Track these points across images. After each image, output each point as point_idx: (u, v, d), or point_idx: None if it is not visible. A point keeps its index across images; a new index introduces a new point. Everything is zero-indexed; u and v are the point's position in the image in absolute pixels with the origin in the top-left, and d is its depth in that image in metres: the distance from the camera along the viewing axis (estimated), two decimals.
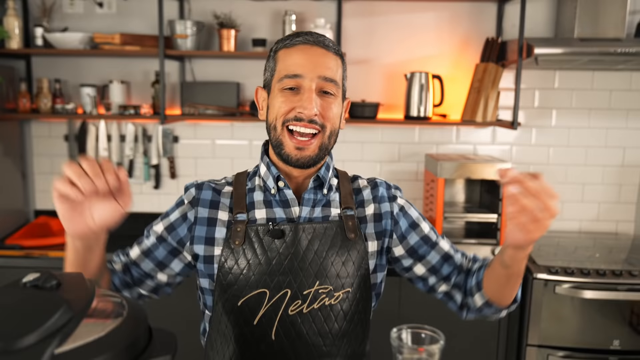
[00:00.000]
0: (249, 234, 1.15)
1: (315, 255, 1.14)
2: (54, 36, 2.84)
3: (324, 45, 1.16)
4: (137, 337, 0.67)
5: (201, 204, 1.21)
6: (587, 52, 2.57)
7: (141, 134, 3.11)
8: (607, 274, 2.50)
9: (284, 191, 1.20)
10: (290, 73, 1.13)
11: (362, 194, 1.26)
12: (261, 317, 1.12)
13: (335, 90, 1.17)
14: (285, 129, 1.15)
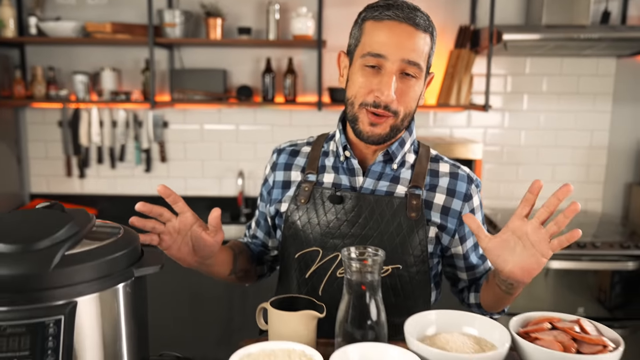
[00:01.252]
0: (314, 194, 1.20)
1: (371, 227, 1.16)
2: (47, 25, 2.97)
3: (414, 23, 1.12)
4: (132, 248, 0.83)
5: (278, 168, 1.30)
6: (552, 37, 2.72)
7: (132, 119, 3.24)
8: (572, 246, 2.67)
9: (350, 160, 1.23)
10: (374, 52, 1.11)
11: (439, 179, 1.24)
12: (312, 273, 1.18)
13: (417, 73, 1.14)
14: (361, 108, 1.15)
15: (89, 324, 0.76)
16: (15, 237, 0.74)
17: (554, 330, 0.89)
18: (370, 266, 0.88)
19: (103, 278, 0.77)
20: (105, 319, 0.78)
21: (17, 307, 0.70)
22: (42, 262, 0.72)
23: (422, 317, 0.94)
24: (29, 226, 0.77)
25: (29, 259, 0.72)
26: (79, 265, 0.74)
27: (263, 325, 1.02)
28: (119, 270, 0.79)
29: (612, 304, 2.70)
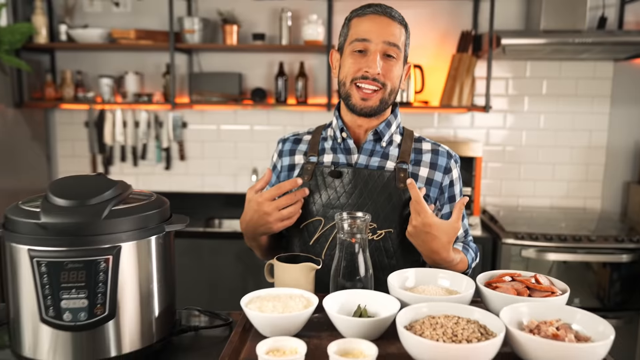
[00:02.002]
0: (316, 172, 1.39)
1: (365, 197, 1.34)
2: (76, 32, 3.19)
3: (390, 16, 1.33)
4: (163, 209, 1.02)
5: (284, 155, 1.49)
6: (548, 42, 2.88)
7: (153, 120, 3.45)
8: (568, 239, 2.82)
9: (346, 141, 1.42)
10: (360, 37, 1.32)
11: (422, 155, 1.43)
12: (316, 240, 1.35)
13: (397, 54, 1.33)
14: (353, 84, 1.34)
15: (129, 265, 0.94)
16: (74, 194, 0.93)
17: (513, 281, 1.06)
18: (358, 226, 1.06)
19: (140, 229, 0.95)
20: (141, 263, 0.96)
21: (76, 248, 0.89)
22: (95, 214, 0.91)
23: (403, 273, 1.11)
24: (83, 187, 0.96)
25: (84, 211, 0.92)
26: (122, 218, 0.93)
27: (270, 279, 1.20)
28: (153, 225, 0.98)
29: (607, 295, 2.83)
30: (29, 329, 0.94)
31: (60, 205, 0.92)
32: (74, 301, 0.90)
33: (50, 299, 0.89)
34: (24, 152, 3.26)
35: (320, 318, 1.01)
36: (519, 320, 0.92)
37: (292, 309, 0.96)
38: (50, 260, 0.88)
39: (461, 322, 0.88)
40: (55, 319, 0.90)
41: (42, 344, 0.93)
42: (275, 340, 0.86)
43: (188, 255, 2.96)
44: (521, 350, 0.85)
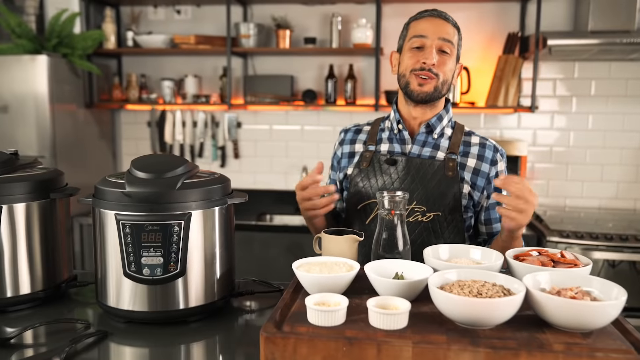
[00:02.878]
0: (374, 160, 1.55)
1: (417, 182, 1.49)
2: (141, 38, 3.44)
3: (444, 18, 1.50)
4: (225, 185, 1.17)
5: (345, 143, 1.66)
6: (594, 43, 2.91)
7: (210, 120, 3.66)
8: (615, 238, 2.83)
9: (402, 132, 1.57)
10: (418, 34, 1.48)
11: (471, 147, 1.56)
12: (371, 220, 1.50)
13: (450, 50, 1.48)
14: (412, 74, 1.49)
15: (197, 231, 1.10)
16: (152, 169, 1.10)
17: (540, 255, 1.15)
18: (396, 202, 1.18)
19: (207, 200, 1.11)
20: (207, 230, 1.12)
21: (154, 213, 1.06)
22: (170, 186, 1.07)
23: (438, 247, 1.23)
24: (159, 164, 1.13)
25: (161, 183, 1.08)
26: (192, 189, 1.09)
27: (318, 250, 1.34)
28: (217, 197, 1.14)
29: None
30: (113, 283, 1.11)
31: (141, 178, 1.08)
32: (151, 258, 1.06)
33: (132, 256, 1.06)
34: (93, 149, 3.53)
35: (362, 285, 1.14)
36: (541, 287, 1.01)
37: (337, 272, 1.09)
38: (133, 223, 1.05)
39: (487, 285, 0.99)
40: (136, 273, 1.06)
41: (124, 295, 1.10)
42: (321, 295, 0.99)
43: (240, 247, 3.14)
44: (540, 310, 0.94)
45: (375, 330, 0.94)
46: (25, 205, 1.18)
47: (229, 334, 1.15)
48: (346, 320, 0.97)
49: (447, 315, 0.96)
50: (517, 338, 0.91)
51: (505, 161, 1.60)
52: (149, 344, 1.07)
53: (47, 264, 1.22)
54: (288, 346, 0.91)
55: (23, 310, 1.20)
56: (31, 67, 3.05)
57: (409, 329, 0.95)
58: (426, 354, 0.88)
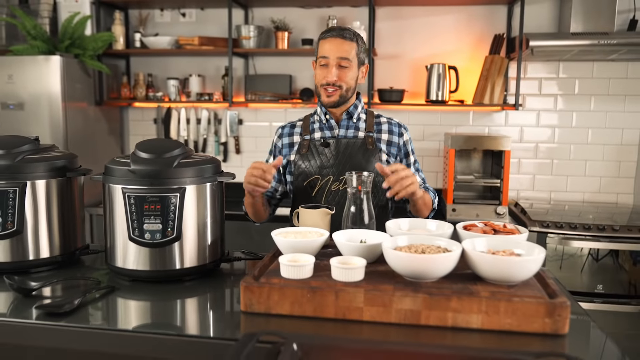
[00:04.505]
0: (310, 146, 1.92)
1: (347, 156, 1.88)
2: (148, 40, 3.65)
3: (342, 37, 1.86)
4: (216, 165, 1.37)
5: (284, 136, 2.02)
6: (575, 44, 3.08)
7: (213, 117, 3.87)
8: (592, 228, 2.99)
9: (330, 120, 1.95)
10: (322, 54, 1.87)
11: (382, 125, 1.99)
12: (316, 192, 1.87)
13: (349, 64, 1.86)
14: (322, 88, 1.89)
15: (191, 203, 1.30)
16: (153, 150, 1.30)
17: (484, 226, 1.34)
18: (363, 180, 1.37)
19: (199, 177, 1.31)
20: (199, 202, 1.32)
21: (154, 187, 1.25)
22: (167, 164, 1.27)
23: (399, 221, 1.42)
24: (159, 146, 1.33)
25: (161, 162, 1.28)
26: (187, 167, 1.29)
27: (296, 223, 1.53)
28: (209, 175, 1.33)
29: (630, 282, 2.99)
30: (120, 247, 1.31)
31: (144, 157, 1.28)
32: (152, 225, 1.26)
33: (136, 223, 1.26)
34: (102, 144, 3.74)
35: (332, 252, 1.33)
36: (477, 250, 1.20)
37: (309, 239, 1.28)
38: (137, 195, 1.25)
39: (432, 247, 1.18)
40: (139, 237, 1.26)
41: (129, 257, 1.30)
42: (293, 255, 1.19)
43: (239, 235, 3.33)
44: (473, 265, 1.13)
45: (336, 282, 1.13)
46: (45, 182, 1.38)
47: (217, 291, 1.35)
48: (313, 275, 1.17)
49: (395, 270, 1.15)
50: (452, 288, 1.10)
51: (408, 132, 2.03)
52: (150, 298, 1.27)
53: (63, 233, 1.42)
54: (263, 293, 1.11)
55: (42, 272, 1.40)
56: (45, 66, 3.26)
57: (363, 281, 1.14)
58: (375, 299, 1.07)
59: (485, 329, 1.04)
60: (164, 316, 1.18)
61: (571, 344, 1.02)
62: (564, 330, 1.03)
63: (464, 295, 1.06)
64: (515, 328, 1.04)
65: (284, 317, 1.10)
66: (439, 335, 1.04)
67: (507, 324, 1.04)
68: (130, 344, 1.06)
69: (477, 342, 1.02)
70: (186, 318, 1.20)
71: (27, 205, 1.35)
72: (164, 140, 1.40)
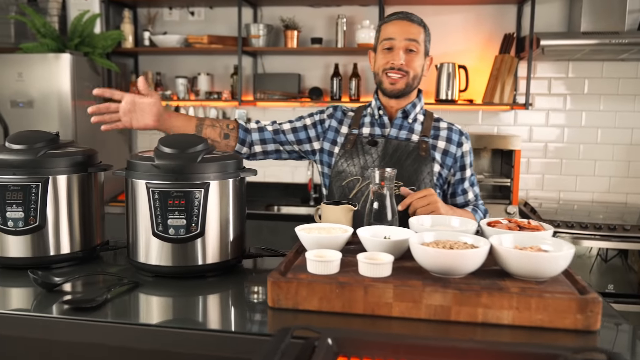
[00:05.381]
0: (357, 142, 1.76)
1: (394, 162, 1.70)
2: (156, 38, 3.65)
3: (410, 19, 1.70)
4: (239, 160, 1.36)
5: (334, 117, 1.84)
6: (585, 44, 3.08)
7: (221, 116, 3.86)
8: (603, 228, 2.99)
9: (382, 117, 1.79)
10: (387, 37, 1.69)
11: (440, 131, 1.79)
12: (354, 195, 1.71)
13: (417, 48, 1.69)
14: (384, 74, 1.71)
15: (214, 198, 1.29)
16: (177, 145, 1.29)
17: (509, 223, 1.33)
18: (386, 177, 1.37)
19: (222, 172, 1.30)
20: (222, 198, 1.31)
21: (178, 182, 1.25)
22: (192, 159, 1.27)
23: (422, 217, 1.41)
24: (182, 141, 1.32)
25: (185, 157, 1.27)
26: (211, 163, 1.28)
27: (318, 220, 1.52)
28: (231, 170, 1.33)
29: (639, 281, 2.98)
30: (143, 243, 1.30)
31: (167, 152, 1.28)
32: (176, 220, 1.25)
33: (160, 218, 1.25)
34: (110, 143, 3.74)
35: (356, 247, 1.32)
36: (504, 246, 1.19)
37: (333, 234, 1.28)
38: (161, 190, 1.24)
39: (459, 243, 1.17)
40: (163, 233, 1.26)
41: (152, 253, 1.29)
42: (319, 250, 1.18)
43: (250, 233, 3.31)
44: (501, 261, 1.12)
45: (364, 277, 1.12)
46: (66, 177, 1.37)
47: (239, 288, 1.34)
48: (340, 271, 1.16)
49: (423, 265, 1.14)
50: (480, 284, 1.10)
51: (469, 143, 1.83)
52: (172, 294, 1.26)
53: (84, 228, 1.42)
54: (291, 289, 1.10)
55: (63, 268, 1.39)
56: (55, 64, 3.26)
57: (391, 277, 1.13)
58: (405, 295, 1.07)
59: (515, 324, 1.04)
60: (189, 312, 1.17)
61: (602, 340, 1.01)
62: (595, 327, 1.02)
63: (494, 291, 1.05)
64: (546, 324, 1.03)
65: (312, 313, 1.09)
66: (470, 331, 1.03)
67: (539, 320, 1.03)
68: (158, 338, 1.06)
69: (508, 337, 1.01)
70: (211, 313, 1.20)
71: (48, 200, 1.34)
72: (187, 135, 1.39)
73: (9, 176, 1.31)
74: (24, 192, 1.31)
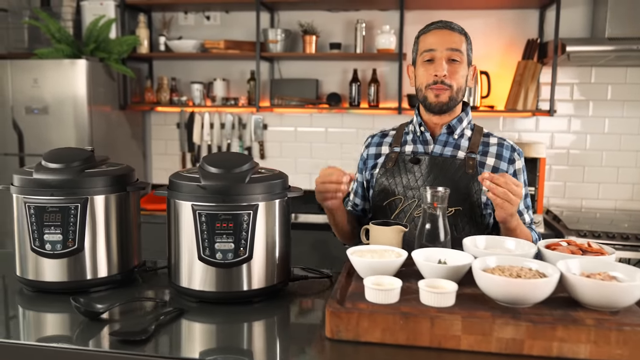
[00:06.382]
0: (399, 160, 1.67)
1: (440, 179, 1.58)
2: (172, 43, 3.59)
3: (450, 28, 1.61)
4: (285, 180, 1.30)
5: (371, 145, 1.78)
6: (613, 49, 3.02)
7: (237, 122, 3.80)
8: (631, 238, 2.92)
9: (424, 134, 1.69)
10: (427, 48, 1.60)
11: (489, 147, 1.67)
12: (396, 215, 1.62)
13: (460, 58, 1.59)
14: (428, 89, 1.61)
15: (262, 221, 1.23)
16: (223, 165, 1.23)
17: (568, 245, 1.27)
18: (439, 197, 1.31)
19: (270, 193, 1.24)
20: (269, 220, 1.25)
21: (226, 204, 1.19)
22: (240, 179, 1.21)
23: (475, 238, 1.35)
24: (228, 160, 1.26)
25: (232, 177, 1.21)
26: (258, 183, 1.22)
27: (365, 240, 1.47)
28: (278, 190, 1.27)
29: None
30: (185, 266, 1.24)
31: (214, 172, 1.22)
32: (224, 244, 1.19)
33: (207, 242, 1.19)
34: (125, 149, 3.68)
35: (408, 270, 1.26)
36: (572, 272, 1.13)
37: (387, 259, 1.22)
38: (209, 212, 1.18)
39: (524, 269, 1.11)
40: (210, 257, 1.20)
41: (196, 277, 1.23)
42: (376, 277, 1.12)
43: None
44: (573, 291, 1.06)
45: (428, 307, 1.06)
46: (104, 197, 1.31)
47: (286, 314, 1.28)
48: (400, 299, 1.10)
49: (489, 295, 1.09)
50: (553, 315, 1.04)
51: (522, 160, 1.72)
52: (217, 320, 1.21)
53: (121, 250, 1.36)
54: (352, 320, 1.04)
55: (102, 292, 1.34)
56: (71, 70, 3.20)
57: (456, 306, 1.07)
58: (474, 327, 1.01)
59: (593, 359, 0.98)
60: (238, 341, 1.12)
61: None
62: None
63: (570, 324, 0.99)
64: (625, 359, 0.97)
65: (375, 345, 1.03)
66: None
67: (618, 354, 0.97)
68: None
69: None
70: (257, 343, 1.14)
71: (87, 222, 1.28)
72: (232, 153, 1.33)
73: (47, 197, 1.25)
74: (62, 213, 1.25)
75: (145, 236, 1.52)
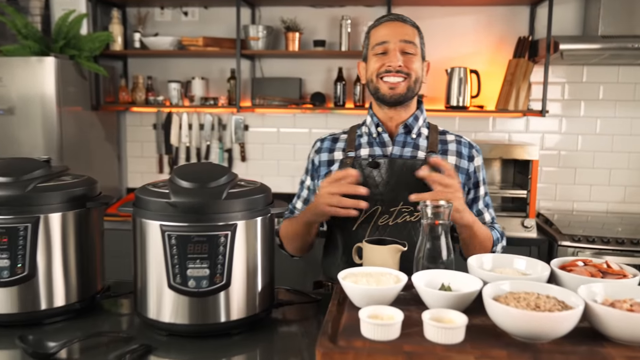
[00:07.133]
0: (355, 165, 1.53)
1: (402, 182, 1.48)
2: (148, 40, 3.41)
3: (402, 20, 1.53)
4: (267, 194, 1.15)
5: (323, 151, 1.65)
6: (607, 47, 2.91)
7: (217, 123, 3.63)
8: (626, 243, 2.83)
9: (382, 135, 1.58)
10: (379, 41, 1.51)
11: (448, 145, 1.60)
12: (358, 226, 1.49)
13: (414, 50, 1.52)
14: (379, 79, 1.52)
15: (241, 242, 1.08)
16: (196, 178, 1.07)
17: (585, 266, 1.14)
18: (440, 212, 1.16)
19: (251, 210, 1.09)
20: (249, 240, 1.10)
21: (201, 224, 1.03)
22: (215, 195, 1.05)
23: (481, 257, 1.21)
24: (202, 172, 1.10)
25: (207, 192, 1.06)
26: (237, 199, 1.07)
27: (357, 260, 1.32)
28: (260, 207, 1.11)
29: None
30: (154, 295, 1.08)
31: (186, 187, 1.06)
32: (197, 270, 1.03)
33: (178, 268, 1.03)
34: (98, 151, 3.49)
35: (407, 295, 1.12)
36: (594, 299, 1.00)
37: (384, 284, 1.07)
38: (180, 234, 1.03)
39: (542, 297, 0.97)
40: (182, 285, 1.04)
41: (165, 308, 1.07)
42: (373, 308, 0.97)
43: None
44: (598, 323, 0.93)
45: (434, 345, 0.92)
46: (60, 215, 1.15)
47: (270, 346, 1.13)
48: (401, 334, 0.95)
49: (504, 328, 0.95)
50: (578, 352, 0.90)
51: (481, 156, 1.65)
52: (190, 357, 1.05)
53: (81, 274, 1.19)
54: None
55: (58, 323, 1.17)
56: (39, 68, 3.00)
57: (467, 343, 0.93)
58: None
59: None
60: None
61: None
62: None
63: None
64: None
65: None
66: None
67: None
68: None
69: None
70: None
71: (39, 244, 1.11)
72: (207, 164, 1.17)
73: None
74: (9, 235, 1.08)
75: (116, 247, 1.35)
